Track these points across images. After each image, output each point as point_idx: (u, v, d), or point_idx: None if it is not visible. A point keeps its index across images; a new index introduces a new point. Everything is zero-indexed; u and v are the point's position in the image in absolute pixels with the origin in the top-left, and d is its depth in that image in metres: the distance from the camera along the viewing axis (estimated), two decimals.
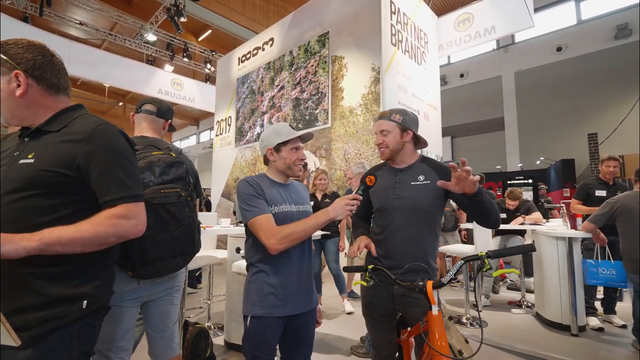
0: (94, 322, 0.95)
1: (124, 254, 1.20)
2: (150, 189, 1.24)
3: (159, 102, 1.58)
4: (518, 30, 5.71)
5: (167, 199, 1.27)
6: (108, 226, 0.87)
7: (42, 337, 0.83)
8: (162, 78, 10.28)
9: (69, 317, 0.87)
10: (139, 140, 1.41)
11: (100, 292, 0.96)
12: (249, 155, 7.02)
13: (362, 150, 4.84)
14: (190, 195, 1.39)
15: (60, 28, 10.57)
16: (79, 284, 0.90)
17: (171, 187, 1.30)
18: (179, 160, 1.38)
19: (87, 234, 0.84)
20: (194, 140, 21.08)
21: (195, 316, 3.54)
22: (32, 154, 0.89)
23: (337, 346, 2.75)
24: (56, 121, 0.96)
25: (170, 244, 1.28)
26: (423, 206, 1.35)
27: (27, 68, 0.91)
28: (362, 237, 1.44)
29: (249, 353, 1.25)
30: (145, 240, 1.20)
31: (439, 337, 1.04)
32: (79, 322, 0.90)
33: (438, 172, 1.37)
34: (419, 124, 1.48)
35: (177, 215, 1.30)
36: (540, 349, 2.62)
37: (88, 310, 0.91)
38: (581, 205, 3.44)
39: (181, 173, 1.36)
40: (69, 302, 0.87)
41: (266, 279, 1.28)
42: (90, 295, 0.92)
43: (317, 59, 5.69)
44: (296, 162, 1.37)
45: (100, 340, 1.25)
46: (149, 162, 1.28)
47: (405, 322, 1.56)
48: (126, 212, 0.91)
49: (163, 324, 1.44)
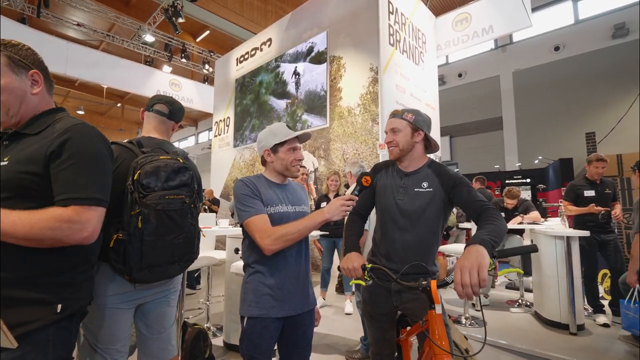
0: (70, 326, 0.94)
1: (123, 258, 1.18)
2: (155, 194, 1.22)
3: (172, 103, 1.52)
4: (516, 30, 5.72)
5: (171, 206, 1.25)
6: (45, 228, 0.82)
7: (16, 340, 0.82)
8: (160, 79, 10.27)
9: (42, 321, 0.85)
10: (147, 141, 1.39)
11: (76, 296, 0.94)
12: (248, 156, 7.01)
13: (360, 150, 4.84)
14: (194, 203, 1.37)
15: (58, 29, 10.55)
16: (53, 287, 0.88)
17: (175, 193, 1.27)
18: (186, 166, 1.35)
19: (20, 230, 0.80)
20: (193, 141, 21.05)
21: (194, 317, 3.53)
22: (7, 157, 0.89)
23: (335, 347, 2.75)
24: (35, 124, 0.96)
25: (170, 250, 1.26)
26: (424, 214, 1.32)
27: (41, 69, 0.99)
28: (355, 256, 1.29)
29: (246, 354, 1.25)
30: (146, 246, 1.19)
31: (440, 335, 1.04)
32: (53, 326, 0.88)
33: (441, 179, 1.33)
34: (431, 126, 1.43)
35: (179, 223, 1.28)
36: (538, 348, 2.63)
37: (63, 314, 0.89)
38: (572, 206, 3.47)
39: (186, 180, 1.33)
40: (41, 305, 0.86)
41: (262, 279, 1.28)
42: (66, 299, 0.90)
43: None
44: (293, 163, 1.36)
45: (98, 343, 1.24)
46: (156, 166, 1.25)
47: (404, 322, 1.56)
48: (74, 215, 0.85)
49: (160, 326, 1.43)
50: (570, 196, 3.51)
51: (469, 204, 1.25)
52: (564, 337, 2.89)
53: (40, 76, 0.98)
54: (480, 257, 0.96)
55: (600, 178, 3.42)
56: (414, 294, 1.31)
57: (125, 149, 1.33)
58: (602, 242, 3.32)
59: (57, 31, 10.50)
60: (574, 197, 3.49)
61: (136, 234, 1.17)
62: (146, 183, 1.20)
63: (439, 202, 1.32)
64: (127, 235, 1.17)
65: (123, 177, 1.25)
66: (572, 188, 3.52)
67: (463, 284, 0.94)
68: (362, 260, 1.27)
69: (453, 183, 1.29)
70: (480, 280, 0.93)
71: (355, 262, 1.25)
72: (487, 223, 1.13)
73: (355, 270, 1.23)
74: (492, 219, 1.14)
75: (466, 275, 0.94)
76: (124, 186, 1.24)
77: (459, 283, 0.95)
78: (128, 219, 1.19)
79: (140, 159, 1.25)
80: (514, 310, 3.61)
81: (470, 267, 0.94)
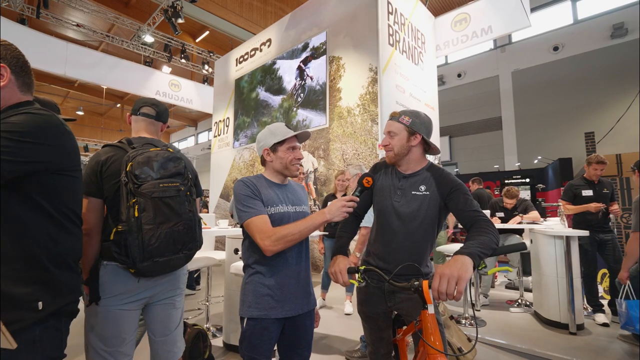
0: (59, 325, 0.92)
1: (125, 250, 1.20)
2: (149, 183, 1.23)
3: (157, 105, 1.55)
4: (515, 30, 5.72)
5: (166, 193, 1.27)
6: None
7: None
8: (159, 79, 10.25)
9: (26, 320, 0.84)
10: (137, 139, 1.41)
11: (59, 293, 0.92)
12: (247, 156, 7.01)
13: (360, 150, 4.84)
14: (190, 190, 1.38)
15: (57, 30, 10.55)
16: (31, 283, 0.87)
17: (170, 181, 1.30)
18: (177, 156, 1.38)
19: None
20: (192, 142, 21.04)
21: (194, 318, 3.53)
22: None
23: (335, 347, 2.75)
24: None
25: (171, 238, 1.27)
26: (420, 217, 1.31)
27: (10, 64, 0.96)
28: (341, 259, 1.29)
29: (246, 355, 1.25)
30: (146, 234, 1.20)
31: (433, 335, 1.04)
32: (39, 326, 0.87)
33: (438, 183, 1.31)
34: (431, 129, 1.38)
35: (177, 209, 1.29)
36: (538, 348, 2.63)
37: (45, 312, 0.87)
38: (571, 205, 3.49)
39: (180, 168, 1.36)
40: (21, 303, 0.85)
41: (262, 280, 1.28)
42: (48, 297, 0.88)
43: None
44: (293, 162, 1.36)
45: (102, 345, 1.25)
46: (147, 157, 1.27)
47: (401, 322, 1.56)
48: None
49: (165, 328, 1.43)
50: (568, 196, 3.53)
51: (463, 212, 1.22)
52: (564, 336, 2.89)
53: (7, 70, 0.95)
54: (463, 270, 0.96)
55: (599, 178, 3.44)
56: (407, 294, 1.31)
57: (116, 148, 1.35)
58: (600, 241, 3.33)
59: (57, 32, 10.50)
60: (572, 197, 3.50)
61: (135, 224, 1.19)
62: (139, 173, 1.22)
63: (435, 206, 1.31)
64: (126, 226, 1.19)
65: (116, 174, 1.27)
66: (571, 188, 3.54)
67: (439, 291, 0.95)
68: (348, 263, 1.27)
69: (450, 189, 1.27)
70: (457, 292, 0.93)
71: (342, 265, 1.25)
72: (478, 234, 1.12)
73: (342, 274, 1.23)
74: (484, 230, 1.13)
75: (444, 283, 0.94)
76: (118, 182, 1.25)
77: (435, 289, 0.96)
78: (125, 211, 1.21)
79: (132, 153, 1.27)
80: (514, 310, 3.61)
81: (450, 276, 0.95)
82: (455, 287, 0.93)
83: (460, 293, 0.94)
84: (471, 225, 1.18)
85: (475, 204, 1.23)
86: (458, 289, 0.93)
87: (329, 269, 1.28)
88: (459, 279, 0.94)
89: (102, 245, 1.29)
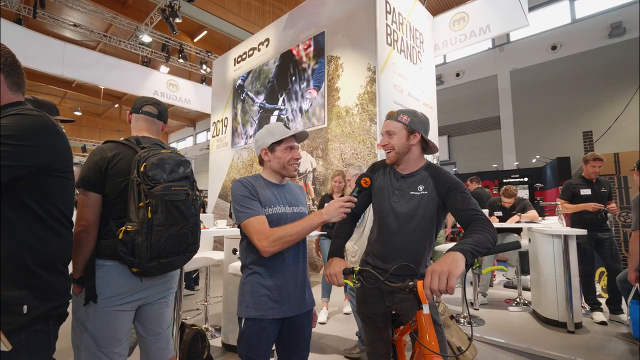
0: (46, 329, 0.90)
1: (132, 250, 1.19)
2: (162, 186, 1.25)
3: (159, 104, 1.54)
4: (513, 29, 5.73)
5: (177, 197, 1.29)
6: None
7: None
8: (157, 79, 10.23)
9: (12, 325, 0.82)
10: (145, 139, 1.41)
11: (46, 296, 0.90)
12: (246, 157, 7.00)
13: (358, 150, 4.84)
14: (195, 194, 1.41)
15: (55, 30, 10.51)
16: (17, 286, 0.85)
17: (180, 185, 1.32)
18: (186, 160, 1.41)
19: None
20: (191, 142, 21.01)
21: (193, 318, 3.52)
22: None
23: (334, 347, 2.75)
24: None
25: (177, 240, 1.29)
26: (418, 217, 1.30)
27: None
28: (336, 261, 1.29)
29: (244, 355, 1.24)
30: (155, 236, 1.21)
31: (429, 335, 1.04)
32: (25, 330, 0.85)
33: (435, 182, 1.30)
34: (429, 127, 1.38)
35: (185, 213, 1.32)
36: (536, 346, 2.64)
37: (31, 316, 0.85)
38: (569, 204, 3.50)
39: (188, 172, 1.39)
40: (5, 306, 0.83)
41: (260, 280, 1.28)
42: (35, 300, 0.87)
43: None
44: (291, 162, 1.36)
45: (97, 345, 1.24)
46: (161, 159, 1.28)
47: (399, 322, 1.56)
48: None
49: (158, 327, 1.44)
50: (566, 195, 3.54)
51: (461, 211, 1.21)
52: (562, 335, 2.90)
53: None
54: (454, 265, 0.95)
55: (597, 177, 3.44)
56: (404, 294, 1.31)
57: (123, 146, 1.34)
58: (598, 240, 3.34)
59: (54, 32, 10.45)
60: (570, 196, 3.51)
61: (146, 224, 1.20)
62: (152, 175, 1.23)
63: (433, 205, 1.30)
64: (137, 225, 1.20)
65: (123, 172, 1.27)
66: (569, 187, 3.55)
67: (431, 288, 0.95)
68: (344, 265, 1.27)
69: (448, 188, 1.26)
70: (448, 287, 0.93)
71: (337, 267, 1.25)
72: (474, 232, 1.11)
73: (337, 276, 1.23)
74: (480, 228, 1.12)
75: (435, 279, 0.94)
76: (125, 180, 1.25)
77: (427, 286, 0.96)
78: (136, 210, 1.21)
79: (143, 153, 1.27)
80: (512, 309, 3.62)
81: (441, 272, 0.94)
82: (446, 283, 0.93)
83: (452, 288, 0.94)
84: (468, 224, 1.18)
85: (473, 203, 1.22)
86: (449, 284, 0.93)
87: (324, 271, 1.28)
88: (449, 274, 0.93)
89: (99, 244, 1.27)
